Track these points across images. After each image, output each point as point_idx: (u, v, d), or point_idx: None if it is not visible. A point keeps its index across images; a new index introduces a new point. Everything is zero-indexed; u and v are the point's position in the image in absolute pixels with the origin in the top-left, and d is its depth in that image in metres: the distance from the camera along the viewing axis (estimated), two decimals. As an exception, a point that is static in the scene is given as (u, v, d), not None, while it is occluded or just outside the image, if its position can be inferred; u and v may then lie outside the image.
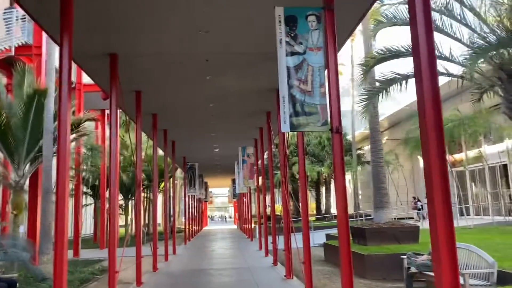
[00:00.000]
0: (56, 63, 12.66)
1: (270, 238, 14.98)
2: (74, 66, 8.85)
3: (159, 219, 36.52)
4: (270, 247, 14.36)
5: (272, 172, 13.40)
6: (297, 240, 9.35)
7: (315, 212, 33.98)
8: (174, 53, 7.95)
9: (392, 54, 9.83)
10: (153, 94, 10.59)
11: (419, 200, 28.17)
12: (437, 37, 10.30)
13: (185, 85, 10.05)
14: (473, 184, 25.26)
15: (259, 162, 18.22)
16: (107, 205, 27.37)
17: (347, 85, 37.68)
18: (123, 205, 28.85)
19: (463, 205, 24.42)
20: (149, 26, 6.83)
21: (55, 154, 12.64)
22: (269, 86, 10.31)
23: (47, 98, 11.18)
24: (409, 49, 9.63)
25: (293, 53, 5.67)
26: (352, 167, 26.22)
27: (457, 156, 23.19)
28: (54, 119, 11.95)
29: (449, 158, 26.58)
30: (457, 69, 10.29)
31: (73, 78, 18.50)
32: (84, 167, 24.23)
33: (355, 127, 29.83)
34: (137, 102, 10.29)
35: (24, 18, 13.60)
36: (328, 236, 16.77)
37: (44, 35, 11.70)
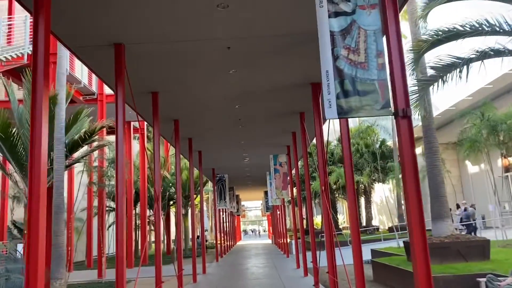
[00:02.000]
0: (67, 67, 11.66)
1: (308, 254, 13.39)
2: (95, 77, 7.78)
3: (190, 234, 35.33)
4: (310, 264, 12.76)
5: (308, 181, 11.86)
6: (340, 257, 7.86)
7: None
8: (189, 38, 6.64)
9: (450, 35, 8.19)
10: (170, 95, 9.35)
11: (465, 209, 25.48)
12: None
13: (205, 83, 8.73)
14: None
15: (293, 171, 16.70)
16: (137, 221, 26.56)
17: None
18: (153, 220, 27.88)
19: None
20: (156, 7, 5.56)
21: (67, 167, 11.61)
22: (303, 80, 8.87)
23: (58, 105, 10.14)
24: (475, 27, 8.00)
25: (338, 14, 4.21)
26: (393, 174, 24.17)
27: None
28: (67, 128, 10.94)
29: (504, 161, 24.14)
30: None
31: (95, 88, 17.71)
32: (108, 182, 23.52)
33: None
34: (154, 105, 9.07)
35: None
36: (375, 252, 14.96)
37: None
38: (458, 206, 25.55)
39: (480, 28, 7.94)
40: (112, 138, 21.84)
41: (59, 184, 9.99)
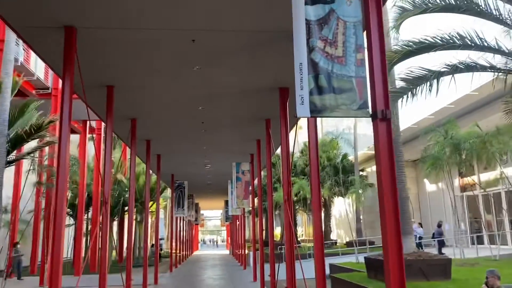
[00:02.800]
0: (15, 54, 10.75)
1: (266, 267, 12.87)
2: (52, 71, 7.04)
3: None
4: (267, 277, 12.24)
5: (271, 191, 11.40)
6: (301, 270, 7.45)
7: (312, 238, 31.67)
8: (150, 26, 6.05)
9: (422, 47, 8.02)
10: (127, 91, 8.65)
11: (421, 226, 25.76)
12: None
13: (167, 79, 8.12)
14: (488, 209, 23.34)
15: (255, 180, 16.21)
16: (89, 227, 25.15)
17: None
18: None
19: (475, 233, 22.41)
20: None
21: (10, 164, 10.61)
22: (271, 83, 8.44)
23: (1, 95, 9.20)
24: (446, 39, 7.85)
25: (315, 1, 3.77)
26: (354, 190, 24.15)
27: (470, 179, 21.26)
28: (12, 121, 9.98)
29: (460, 181, 24.68)
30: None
31: (51, 83, 16.61)
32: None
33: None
34: (108, 100, 8.34)
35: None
36: (333, 267, 14.64)
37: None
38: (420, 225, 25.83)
39: (451, 41, 7.83)
40: (72, 137, 20.63)
41: (-4, 182, 9.01)
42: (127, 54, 6.92)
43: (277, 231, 43.27)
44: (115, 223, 28.34)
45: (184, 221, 31.45)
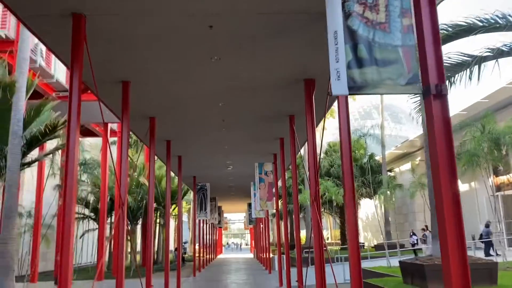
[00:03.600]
0: (30, 53, 10.49)
1: (293, 271, 12.24)
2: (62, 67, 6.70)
3: (171, 246, 33.85)
4: (294, 283, 11.62)
5: (296, 192, 10.77)
6: (332, 274, 7.10)
7: (339, 241, 30.87)
8: (163, 11, 5.56)
9: (462, 30, 7.27)
10: (144, 87, 8.22)
11: (414, 234, 24.56)
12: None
13: (185, 72, 7.63)
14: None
15: (279, 181, 15.62)
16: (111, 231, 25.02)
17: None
18: (128, 230, 26.41)
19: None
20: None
21: (26, 166, 10.34)
22: (296, 73, 7.85)
23: (16, 93, 8.91)
24: (489, 20, 7.09)
25: (351, -42, 3.17)
26: (383, 190, 23.22)
27: (506, 177, 20.11)
28: (27, 122, 9.69)
29: (495, 180, 23.43)
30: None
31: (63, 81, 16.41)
32: (85, 187, 22.05)
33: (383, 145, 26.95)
34: (124, 96, 7.92)
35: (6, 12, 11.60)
36: (364, 272, 13.84)
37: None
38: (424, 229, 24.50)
39: (493, 22, 7.07)
40: (90, 140, 20.44)
41: (12, 183, 8.70)
42: (141, 44, 6.46)
43: (302, 234, 42.51)
44: (139, 227, 28.16)
45: (208, 224, 31.09)
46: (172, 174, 21.84)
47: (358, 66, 3.01)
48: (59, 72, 16.18)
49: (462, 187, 27.49)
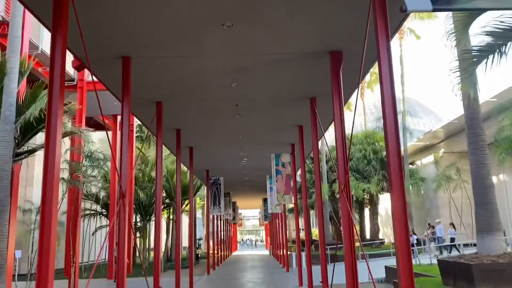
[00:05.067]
0: (21, 30, 9.59)
1: (314, 269, 11.23)
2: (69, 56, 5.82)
3: (184, 243, 33.16)
4: (316, 282, 10.62)
5: (319, 183, 9.71)
6: (368, 270, 5.96)
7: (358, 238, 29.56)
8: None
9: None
10: (147, 63, 7.25)
11: (413, 233, 23.10)
12: None
13: (192, 42, 6.63)
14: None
15: (298, 172, 14.57)
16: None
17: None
18: (140, 226, 25.70)
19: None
20: None
21: (24, 156, 9.50)
22: (319, 44, 6.79)
23: (7, 76, 8.04)
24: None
25: None
26: (410, 183, 21.97)
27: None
28: (23, 108, 8.81)
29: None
30: None
31: (70, 71, 15.61)
32: (95, 182, 21.30)
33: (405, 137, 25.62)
34: (125, 73, 6.98)
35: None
36: (390, 271, 12.77)
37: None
38: (430, 226, 23.06)
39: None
40: (97, 133, 19.68)
41: (4, 175, 7.83)
42: (141, 8, 5.48)
43: (317, 230, 41.42)
44: (153, 224, 27.43)
45: (222, 221, 30.23)
46: (185, 168, 20.99)
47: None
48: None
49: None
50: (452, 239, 21.36)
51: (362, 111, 32.92)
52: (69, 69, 15.54)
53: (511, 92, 16.97)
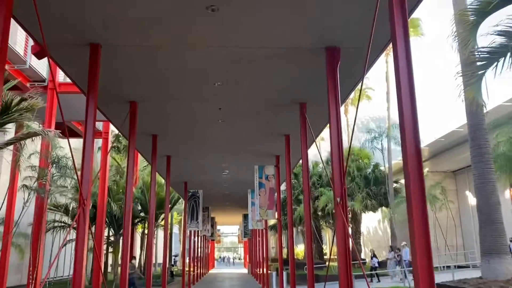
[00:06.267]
0: None
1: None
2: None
3: (160, 259, 31.66)
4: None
5: (308, 197, 8.86)
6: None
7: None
8: None
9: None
10: (120, 53, 6.35)
11: (374, 255, 22.40)
12: None
13: (169, 21, 5.78)
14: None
15: (282, 185, 13.71)
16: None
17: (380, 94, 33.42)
18: (112, 241, 24.27)
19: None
20: None
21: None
22: (314, 40, 6.03)
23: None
24: None
25: None
26: (397, 201, 21.33)
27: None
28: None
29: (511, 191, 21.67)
30: None
31: (43, 72, 14.54)
32: (65, 193, 19.96)
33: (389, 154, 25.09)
34: (92, 62, 6.06)
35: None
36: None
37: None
38: (394, 248, 22.17)
39: None
40: (73, 141, 18.42)
41: None
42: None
43: (300, 248, 40.43)
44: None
45: (199, 237, 28.99)
46: (163, 180, 19.82)
47: None
48: (35, 59, 14.26)
49: (474, 200, 25.74)
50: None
51: (346, 128, 32.45)
52: (40, 69, 14.50)
53: (504, 108, 16.67)
